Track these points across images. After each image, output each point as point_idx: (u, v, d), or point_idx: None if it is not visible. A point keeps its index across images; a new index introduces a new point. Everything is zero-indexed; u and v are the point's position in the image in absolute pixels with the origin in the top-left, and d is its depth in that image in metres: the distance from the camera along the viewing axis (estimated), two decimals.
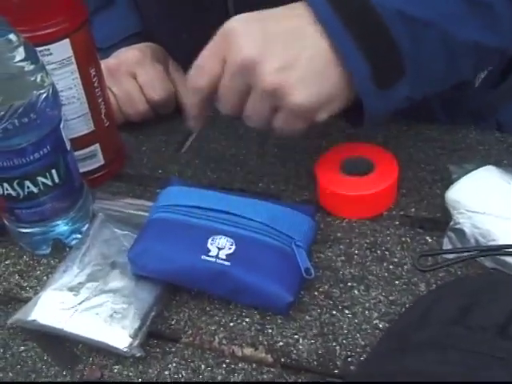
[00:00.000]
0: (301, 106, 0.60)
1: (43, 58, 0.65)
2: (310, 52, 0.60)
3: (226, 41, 0.61)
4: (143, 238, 0.63)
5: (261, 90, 0.60)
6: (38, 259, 0.69)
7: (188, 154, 0.82)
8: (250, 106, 0.63)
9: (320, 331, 0.59)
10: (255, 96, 0.61)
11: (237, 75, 0.61)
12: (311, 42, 0.60)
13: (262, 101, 0.61)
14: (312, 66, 0.60)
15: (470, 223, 0.60)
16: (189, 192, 0.67)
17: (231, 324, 0.60)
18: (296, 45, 0.60)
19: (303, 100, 0.60)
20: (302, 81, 0.59)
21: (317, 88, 0.60)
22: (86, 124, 0.73)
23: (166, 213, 0.65)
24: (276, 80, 0.59)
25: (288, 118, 0.62)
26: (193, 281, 0.61)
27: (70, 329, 0.58)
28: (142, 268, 0.62)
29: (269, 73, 0.59)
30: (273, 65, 0.59)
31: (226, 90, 0.63)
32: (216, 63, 0.62)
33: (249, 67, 0.59)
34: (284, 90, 0.59)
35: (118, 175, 0.79)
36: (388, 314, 0.60)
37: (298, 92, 0.59)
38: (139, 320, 0.59)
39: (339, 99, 0.62)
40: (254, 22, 0.61)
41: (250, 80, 0.60)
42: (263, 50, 0.59)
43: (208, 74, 0.63)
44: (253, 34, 0.60)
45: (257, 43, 0.59)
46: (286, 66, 0.59)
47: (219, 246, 0.61)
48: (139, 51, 0.86)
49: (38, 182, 0.63)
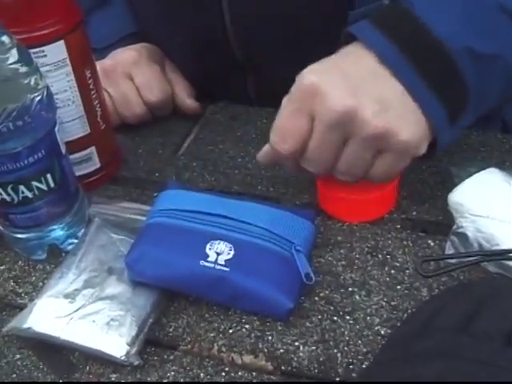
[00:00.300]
0: (409, 143, 0.58)
1: (37, 59, 0.64)
2: (398, 89, 0.58)
3: (311, 96, 0.58)
4: (140, 243, 0.62)
5: (366, 136, 0.58)
6: (33, 264, 0.68)
7: (185, 156, 0.81)
8: (349, 157, 0.60)
9: (321, 338, 0.58)
10: (357, 144, 0.59)
11: (333, 129, 0.58)
12: (391, 81, 0.58)
13: (365, 147, 0.59)
14: (405, 102, 0.58)
15: (473, 227, 0.59)
16: (186, 196, 0.66)
17: (230, 331, 0.59)
18: (382, 84, 0.58)
19: (410, 136, 0.58)
20: (402, 118, 0.58)
21: (416, 122, 0.59)
22: (81, 127, 0.72)
23: (163, 217, 0.64)
24: (381, 122, 0.57)
25: (394, 160, 0.60)
26: (191, 287, 0.60)
27: (66, 337, 0.57)
28: (140, 274, 0.60)
29: (372, 117, 0.57)
30: (372, 108, 0.57)
31: (320, 147, 0.60)
32: (303, 121, 0.59)
33: (348, 118, 0.57)
34: (391, 130, 0.57)
35: (114, 178, 0.78)
36: (390, 320, 0.59)
37: (403, 129, 0.58)
38: (136, 327, 0.57)
39: (430, 133, 0.60)
40: (331, 71, 0.59)
41: (351, 129, 0.58)
42: (357, 98, 0.57)
43: (295, 135, 0.60)
44: (339, 83, 0.58)
45: (348, 91, 0.57)
46: (384, 107, 0.57)
47: (218, 251, 0.60)
48: (135, 52, 0.85)
49: (32, 186, 0.62)
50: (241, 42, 0.83)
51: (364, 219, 0.68)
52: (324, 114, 0.58)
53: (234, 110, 0.88)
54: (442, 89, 0.58)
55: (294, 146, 0.60)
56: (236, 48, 0.84)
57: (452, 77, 0.59)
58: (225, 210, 0.63)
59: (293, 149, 0.60)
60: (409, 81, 0.58)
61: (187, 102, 0.86)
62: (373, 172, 0.61)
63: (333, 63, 0.60)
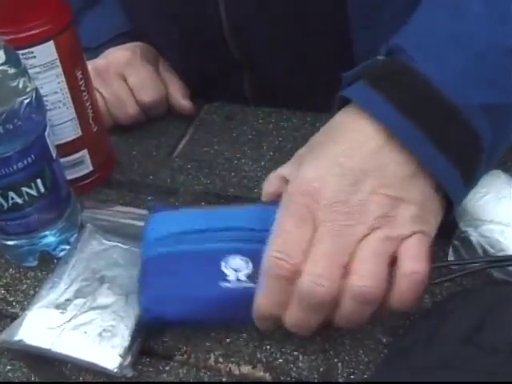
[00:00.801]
0: (426, 235, 0.52)
1: (26, 61, 0.62)
2: (404, 172, 0.51)
3: (313, 202, 0.51)
4: (152, 282, 0.56)
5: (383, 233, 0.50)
6: (24, 272, 0.66)
7: (180, 158, 0.79)
8: (366, 257, 0.50)
9: (321, 347, 0.56)
10: (370, 245, 0.50)
11: (340, 230, 0.50)
12: (399, 161, 0.51)
13: (377, 253, 0.50)
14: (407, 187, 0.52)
15: (476, 232, 0.57)
16: (178, 216, 0.61)
17: (228, 340, 0.58)
18: (384, 170, 0.51)
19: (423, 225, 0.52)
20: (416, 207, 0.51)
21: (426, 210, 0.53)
22: (73, 129, 0.70)
23: (163, 247, 0.58)
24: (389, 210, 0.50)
25: (420, 247, 0.51)
26: (221, 313, 0.56)
27: (57, 349, 0.55)
28: (162, 314, 0.56)
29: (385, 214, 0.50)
30: (382, 210, 0.50)
31: (329, 257, 0.50)
32: (307, 230, 0.50)
33: (354, 217, 0.50)
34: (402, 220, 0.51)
35: (107, 181, 0.76)
36: (392, 328, 0.57)
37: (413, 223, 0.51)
38: (129, 338, 0.56)
39: (439, 210, 0.54)
40: (330, 170, 0.51)
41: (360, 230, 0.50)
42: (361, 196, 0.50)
43: (302, 251, 0.50)
44: (339, 184, 0.51)
45: (350, 191, 0.50)
46: (398, 199, 0.51)
47: (235, 268, 0.55)
48: (129, 51, 0.83)
49: (22, 192, 0.60)
50: (238, 40, 0.82)
51: None
52: (328, 218, 0.50)
53: (229, 109, 0.86)
54: (458, 152, 0.52)
55: (303, 258, 0.50)
56: (233, 46, 0.82)
57: (466, 137, 0.52)
58: (227, 222, 0.58)
59: (302, 263, 0.50)
60: (420, 149, 0.51)
61: (182, 102, 0.84)
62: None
63: (328, 155, 0.53)
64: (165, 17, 0.84)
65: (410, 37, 0.56)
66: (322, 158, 0.53)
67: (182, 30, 0.83)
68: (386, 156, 0.51)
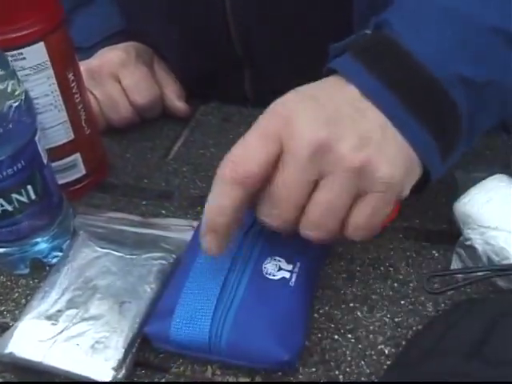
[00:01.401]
0: (391, 180, 0.51)
1: (15, 63, 0.60)
2: (377, 122, 0.51)
3: (281, 126, 0.50)
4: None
5: (343, 173, 0.50)
6: (15, 280, 0.64)
7: (175, 161, 0.77)
8: (323, 200, 0.51)
9: (321, 358, 0.55)
10: (333, 183, 0.50)
11: (306, 162, 0.50)
12: (373, 113, 0.52)
13: (342, 187, 0.50)
14: (385, 136, 0.51)
15: (481, 239, 0.56)
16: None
17: None
18: (361, 117, 0.51)
19: (391, 172, 0.50)
20: (382, 153, 0.50)
21: (398, 157, 0.51)
22: (65, 133, 0.68)
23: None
24: (359, 156, 0.49)
25: (377, 202, 0.51)
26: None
27: (49, 362, 0.53)
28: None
29: (350, 150, 0.49)
30: (349, 142, 0.50)
31: (288, 184, 0.50)
32: (270, 147, 0.50)
33: (322, 152, 0.49)
34: (369, 165, 0.50)
35: (100, 185, 0.74)
36: (394, 338, 0.55)
37: (384, 165, 0.50)
38: (123, 350, 0.54)
39: (416, 167, 0.53)
40: (306, 101, 0.52)
41: (325, 166, 0.50)
42: (332, 130, 0.50)
43: (258, 161, 0.50)
44: (314, 113, 0.51)
45: (324, 122, 0.50)
46: (363, 141, 0.50)
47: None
48: (123, 51, 0.81)
49: (12, 199, 0.58)
50: (241, 39, 0.80)
51: None
52: (294, 147, 0.50)
53: (226, 110, 0.84)
54: (431, 118, 0.52)
55: (257, 168, 0.50)
56: (237, 44, 0.81)
57: (441, 105, 0.53)
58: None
59: (255, 172, 0.50)
60: (391, 110, 0.52)
61: (177, 104, 0.82)
62: (351, 222, 0.52)
63: (309, 93, 0.53)
64: (166, 15, 0.82)
65: (398, 12, 0.56)
66: (300, 92, 0.53)
67: (183, 29, 0.81)
68: (359, 113, 0.52)
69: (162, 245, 0.64)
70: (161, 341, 0.55)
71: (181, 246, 0.63)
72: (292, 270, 0.56)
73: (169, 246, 0.64)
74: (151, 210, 0.70)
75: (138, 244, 0.64)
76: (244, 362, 0.53)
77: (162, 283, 0.59)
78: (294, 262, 0.57)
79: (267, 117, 0.52)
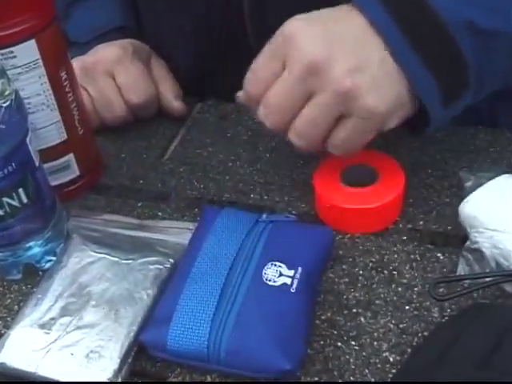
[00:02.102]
0: (375, 110, 0.55)
1: (6, 61, 0.59)
2: (378, 55, 0.55)
3: (288, 43, 0.55)
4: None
5: (330, 93, 0.54)
6: (8, 285, 0.62)
7: (171, 160, 0.75)
8: (310, 115, 0.56)
9: (324, 367, 0.53)
10: (321, 101, 0.55)
11: (301, 78, 0.55)
12: (376, 46, 0.55)
13: (328, 106, 0.55)
14: (382, 69, 0.55)
15: (489, 243, 0.54)
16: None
17: None
18: (363, 47, 0.55)
19: (377, 103, 0.55)
20: (374, 83, 0.54)
21: (389, 91, 0.55)
22: (57, 133, 0.66)
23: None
24: (349, 82, 0.54)
25: (357, 126, 0.56)
26: None
27: (42, 372, 0.51)
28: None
29: (341, 74, 0.54)
30: (344, 66, 0.54)
31: (283, 95, 0.57)
32: (275, 66, 0.57)
33: (317, 69, 0.54)
34: (357, 92, 0.54)
35: (94, 187, 0.72)
36: (399, 345, 0.54)
37: (371, 95, 0.54)
38: (119, 359, 0.52)
39: (407, 105, 0.57)
40: (316, 23, 0.56)
41: (317, 84, 0.55)
42: (331, 52, 0.54)
43: (265, 79, 0.57)
44: (317, 35, 0.55)
45: (324, 44, 0.54)
46: (357, 68, 0.54)
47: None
48: (120, 48, 0.79)
49: (3, 203, 0.56)
50: (256, 26, 0.78)
51: (367, 231, 0.63)
52: (293, 61, 0.55)
53: (223, 108, 0.82)
54: (435, 60, 0.55)
55: (262, 89, 0.57)
56: (250, 32, 0.79)
57: (448, 50, 0.55)
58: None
59: (260, 92, 0.58)
60: (397, 46, 0.54)
61: (173, 103, 0.80)
62: (332, 139, 0.58)
63: (318, 16, 0.57)
64: (179, 7, 0.81)
65: None
66: (310, 14, 0.57)
67: (197, 19, 0.81)
68: (362, 42, 0.55)
69: (158, 248, 0.62)
70: (157, 349, 0.53)
71: (178, 249, 0.61)
72: (293, 276, 0.54)
73: (166, 249, 0.62)
74: (147, 211, 0.68)
75: (134, 248, 0.62)
76: (244, 371, 0.51)
77: (158, 289, 0.57)
78: (295, 267, 0.55)
79: (276, 36, 0.57)
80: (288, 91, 0.56)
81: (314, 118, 0.56)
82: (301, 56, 0.55)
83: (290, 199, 0.67)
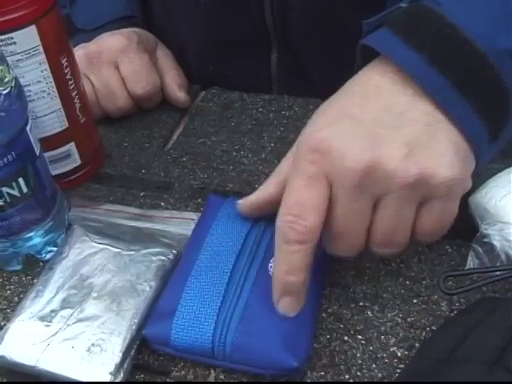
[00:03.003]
0: (453, 180, 0.47)
1: (5, 48, 0.57)
2: (422, 121, 0.47)
3: (324, 157, 0.47)
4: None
5: (399, 189, 0.46)
6: (7, 276, 0.61)
7: (174, 150, 0.74)
8: (386, 222, 0.48)
9: (330, 361, 0.52)
10: (392, 202, 0.47)
11: (358, 192, 0.46)
12: (415, 114, 0.48)
13: (402, 203, 0.47)
14: (433, 135, 0.47)
15: (500, 236, 0.53)
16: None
17: None
18: (402, 121, 0.47)
19: (451, 172, 0.46)
20: (435, 155, 0.46)
21: (452, 154, 0.47)
22: (58, 121, 0.65)
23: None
24: (411, 169, 0.45)
25: (442, 204, 0.48)
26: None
27: (43, 366, 0.50)
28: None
29: (399, 165, 0.45)
30: (398, 154, 0.46)
31: (348, 218, 0.48)
32: (321, 189, 0.47)
33: (371, 173, 0.46)
34: (426, 174, 0.46)
35: (96, 176, 0.71)
36: (407, 340, 0.52)
37: (441, 168, 0.46)
38: (121, 353, 0.51)
39: (470, 156, 0.49)
40: (343, 120, 0.48)
41: (379, 188, 0.46)
42: (376, 146, 0.46)
43: (315, 208, 0.47)
44: (353, 134, 0.47)
45: (365, 142, 0.46)
46: (410, 149, 0.46)
47: None
48: (125, 37, 0.77)
49: (3, 193, 0.55)
50: (275, 7, 0.77)
51: None
52: (343, 178, 0.46)
53: (227, 97, 0.80)
54: (479, 98, 0.48)
55: (318, 219, 0.47)
56: (267, 13, 0.78)
57: (491, 84, 0.48)
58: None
59: (316, 224, 0.47)
60: (439, 92, 0.47)
61: (177, 94, 0.78)
62: (420, 230, 0.49)
63: (340, 109, 0.50)
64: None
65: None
66: (332, 110, 0.50)
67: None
68: (404, 103, 0.48)
69: (161, 239, 0.61)
70: (161, 344, 0.52)
71: (181, 240, 0.60)
72: None
73: (169, 240, 0.61)
74: (149, 201, 0.67)
75: (136, 239, 0.61)
76: (249, 367, 0.50)
77: (161, 281, 0.56)
78: None
79: (303, 155, 0.48)
80: (351, 214, 0.48)
81: (393, 223, 0.48)
82: (346, 171, 0.46)
83: None
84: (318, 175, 0.47)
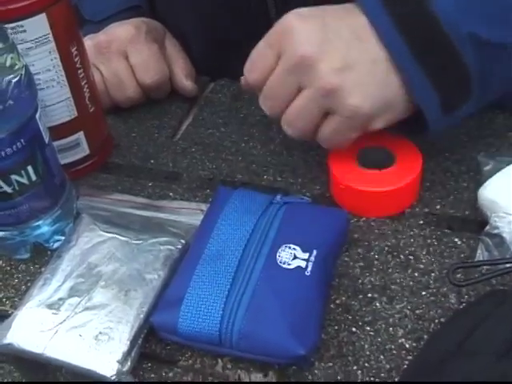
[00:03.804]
0: (358, 110, 0.55)
1: (15, 35, 0.57)
2: (370, 56, 0.55)
3: (284, 35, 0.56)
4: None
5: (316, 90, 0.55)
6: (15, 265, 0.61)
7: (183, 140, 0.74)
8: (298, 107, 0.58)
9: (338, 352, 0.52)
10: (307, 96, 0.56)
11: (291, 71, 0.56)
12: (371, 46, 0.55)
13: (314, 101, 0.56)
14: (372, 71, 0.55)
15: (509, 228, 0.52)
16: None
17: None
18: (356, 46, 0.55)
19: (361, 103, 0.55)
20: (361, 84, 0.55)
21: (376, 93, 0.55)
22: (67, 110, 0.65)
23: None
24: (335, 80, 0.54)
25: (340, 124, 0.57)
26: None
27: (50, 353, 0.50)
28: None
29: (328, 72, 0.54)
30: (333, 64, 0.54)
31: (276, 85, 0.58)
32: (270, 57, 0.58)
33: (306, 64, 0.55)
34: (342, 91, 0.54)
35: (104, 166, 0.71)
36: (415, 331, 0.52)
37: (356, 95, 0.55)
38: (128, 341, 0.51)
39: (398, 109, 0.57)
40: (314, 18, 0.56)
41: (305, 78, 0.56)
42: (323, 48, 0.55)
43: (259, 68, 0.59)
44: (313, 31, 0.55)
45: (317, 40, 0.55)
46: (346, 67, 0.54)
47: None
48: (133, 27, 0.77)
49: (11, 180, 0.55)
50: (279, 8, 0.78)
51: (383, 214, 0.61)
52: (285, 54, 0.56)
53: (236, 88, 0.80)
54: (436, 69, 0.54)
55: (258, 77, 0.59)
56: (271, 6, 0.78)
57: (448, 59, 0.54)
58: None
59: (256, 80, 0.59)
60: (396, 49, 0.54)
61: (184, 82, 0.78)
62: (319, 133, 0.59)
63: (318, 11, 0.57)
64: None
65: None
66: (312, 9, 0.57)
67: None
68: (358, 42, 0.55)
69: (169, 229, 0.61)
70: (168, 332, 0.52)
71: (189, 230, 0.60)
72: (308, 259, 0.53)
73: (177, 230, 0.61)
74: (158, 191, 0.67)
75: (145, 228, 0.61)
76: (257, 355, 0.50)
77: (169, 270, 0.56)
78: (310, 250, 0.53)
79: (274, 27, 0.57)
80: (280, 82, 0.57)
81: (302, 111, 0.57)
82: (293, 50, 0.55)
83: (304, 181, 0.66)
84: (272, 46, 0.57)
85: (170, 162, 0.71)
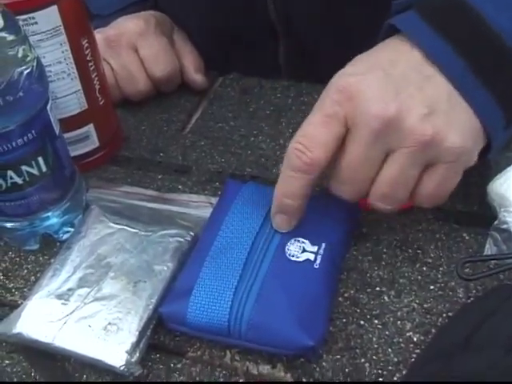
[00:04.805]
0: (462, 149, 0.49)
1: (27, 27, 0.57)
2: (444, 90, 0.49)
3: (348, 99, 0.49)
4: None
5: (412, 147, 0.48)
6: (25, 256, 0.62)
7: (192, 134, 0.74)
8: (392, 175, 0.50)
9: (346, 345, 0.52)
10: (402, 158, 0.49)
11: (375, 139, 0.48)
12: (439, 80, 0.50)
13: (411, 161, 0.49)
14: (452, 105, 0.49)
15: None
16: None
17: None
18: (428, 85, 0.49)
19: (462, 141, 0.49)
20: (451, 122, 0.49)
21: (466, 125, 0.50)
22: (78, 102, 0.65)
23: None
24: (428, 128, 0.48)
25: (446, 172, 0.50)
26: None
27: (59, 343, 0.51)
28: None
29: (418, 123, 0.48)
30: (419, 112, 0.48)
31: (357, 163, 0.50)
32: (337, 129, 0.49)
33: (390, 127, 0.48)
34: (440, 136, 0.48)
35: (114, 158, 0.71)
36: (423, 325, 0.52)
37: (452, 135, 0.48)
38: (137, 332, 0.51)
39: (482, 137, 0.51)
40: (372, 72, 0.50)
41: (394, 141, 0.48)
42: (401, 100, 0.48)
43: (325, 144, 0.49)
44: (380, 86, 0.49)
45: (391, 94, 0.48)
46: (431, 111, 0.48)
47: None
48: (143, 21, 0.77)
49: (22, 171, 0.55)
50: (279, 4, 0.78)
51: None
52: (363, 122, 0.48)
53: (245, 82, 0.80)
54: (499, 87, 0.50)
55: (324, 154, 0.49)
56: (271, 9, 0.78)
57: (510, 74, 0.50)
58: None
59: (321, 158, 0.49)
60: (460, 77, 0.49)
61: (194, 76, 0.79)
62: (420, 191, 0.51)
63: (372, 60, 0.51)
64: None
65: None
66: (364, 61, 0.52)
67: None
68: (425, 79, 0.50)
69: (178, 221, 0.62)
70: (177, 322, 0.52)
71: (198, 222, 0.61)
72: (317, 252, 0.53)
73: (186, 222, 0.61)
74: (167, 184, 0.67)
75: (154, 220, 0.61)
76: (265, 347, 0.50)
77: (178, 262, 0.56)
78: (319, 244, 0.54)
79: (330, 93, 0.50)
80: (362, 158, 0.49)
81: (398, 178, 0.50)
82: (369, 117, 0.48)
83: None
84: (337, 115, 0.49)
85: (180, 155, 0.71)
